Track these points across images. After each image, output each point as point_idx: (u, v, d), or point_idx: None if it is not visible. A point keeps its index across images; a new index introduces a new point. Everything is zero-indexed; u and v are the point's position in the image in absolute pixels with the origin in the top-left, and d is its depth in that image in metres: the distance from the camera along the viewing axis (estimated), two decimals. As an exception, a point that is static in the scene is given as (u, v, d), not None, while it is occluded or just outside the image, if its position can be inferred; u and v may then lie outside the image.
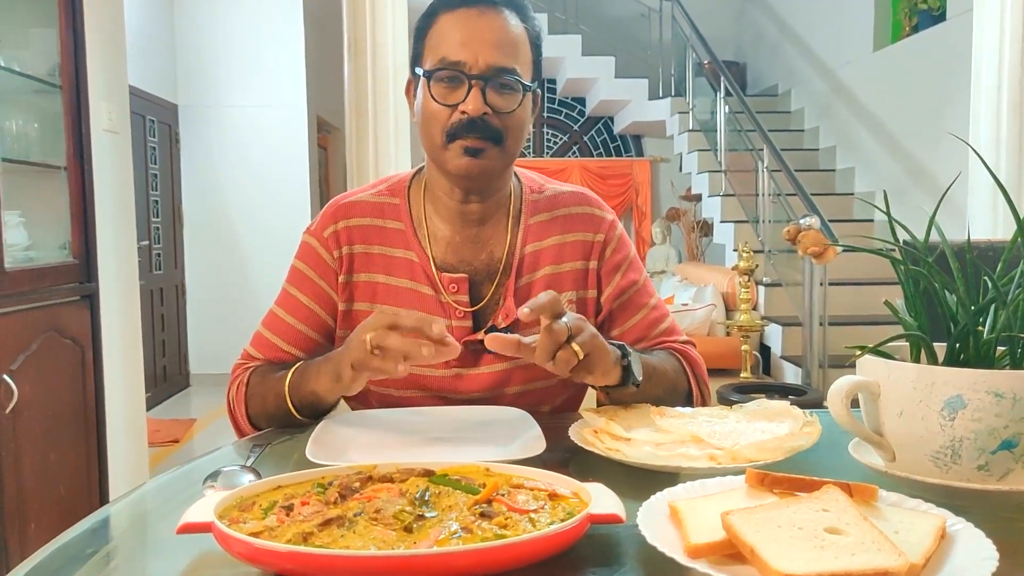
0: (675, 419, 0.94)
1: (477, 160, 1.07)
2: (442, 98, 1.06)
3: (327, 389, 1.00)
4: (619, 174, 8.64)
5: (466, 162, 1.07)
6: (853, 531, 0.57)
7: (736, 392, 3.70)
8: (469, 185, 1.12)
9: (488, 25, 1.06)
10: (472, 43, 1.05)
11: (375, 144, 2.87)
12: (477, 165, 1.08)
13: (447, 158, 1.09)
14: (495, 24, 1.07)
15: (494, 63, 1.05)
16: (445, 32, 1.07)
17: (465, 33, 1.06)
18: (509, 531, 0.61)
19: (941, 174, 5.09)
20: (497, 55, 1.05)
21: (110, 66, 2.83)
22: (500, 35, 1.07)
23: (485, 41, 1.05)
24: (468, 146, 1.06)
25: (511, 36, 1.08)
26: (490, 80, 1.05)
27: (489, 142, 1.07)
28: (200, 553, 0.64)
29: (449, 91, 1.06)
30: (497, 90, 1.06)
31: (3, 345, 2.05)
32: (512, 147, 1.10)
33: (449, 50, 1.06)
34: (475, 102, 1.05)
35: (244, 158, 5.77)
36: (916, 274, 0.76)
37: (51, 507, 2.25)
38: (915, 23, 5.67)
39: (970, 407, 0.69)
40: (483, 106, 1.05)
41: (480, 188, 1.14)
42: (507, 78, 1.06)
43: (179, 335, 5.73)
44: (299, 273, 1.18)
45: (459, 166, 1.08)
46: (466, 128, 1.06)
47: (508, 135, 1.08)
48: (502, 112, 1.07)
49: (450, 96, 1.06)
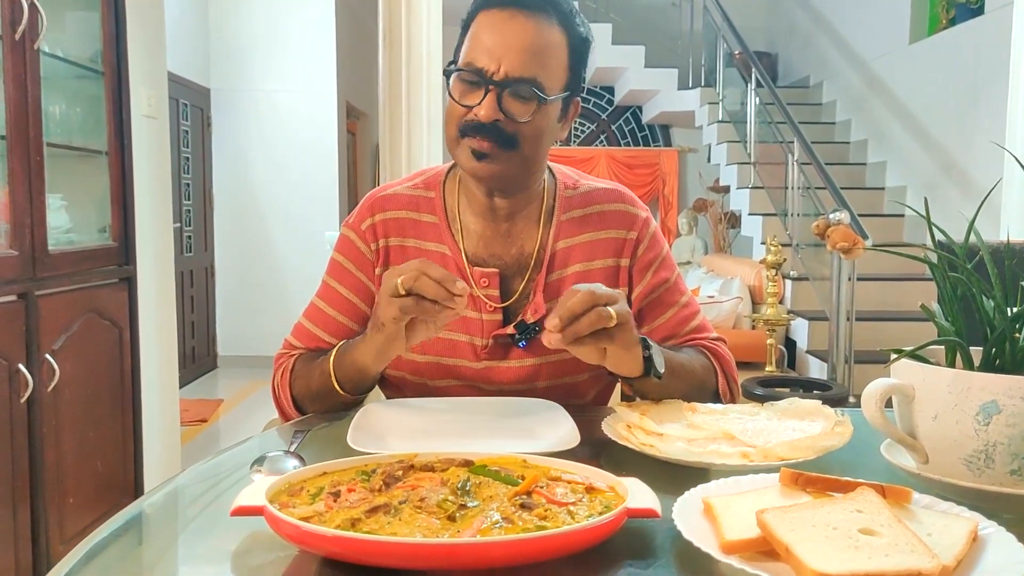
0: (707, 416, 0.95)
1: (483, 164, 1.08)
2: (460, 97, 1.08)
3: (368, 353, 1.02)
4: (647, 163, 8.59)
5: (474, 164, 1.08)
6: (887, 532, 0.59)
7: (761, 386, 3.69)
8: (484, 185, 1.14)
9: (518, 30, 1.05)
10: (497, 49, 1.05)
11: (408, 134, 2.89)
12: (484, 169, 1.09)
13: (459, 155, 1.10)
14: (526, 29, 1.05)
15: (514, 72, 1.04)
16: (478, 33, 1.07)
17: (494, 37, 1.05)
18: (549, 523, 0.64)
19: (974, 170, 5.02)
20: (519, 64, 1.04)
21: (150, 52, 2.88)
22: (528, 42, 1.05)
23: (510, 47, 1.04)
24: (475, 148, 1.07)
25: (540, 43, 1.06)
26: (508, 87, 1.05)
27: (497, 146, 1.06)
28: (252, 534, 0.67)
29: (467, 91, 1.07)
30: (514, 97, 1.06)
31: (45, 325, 2.11)
32: (530, 152, 1.09)
33: (476, 54, 1.06)
34: (487, 108, 1.05)
35: (274, 142, 5.83)
36: (955, 280, 0.77)
37: (88, 482, 2.31)
38: (952, 16, 5.58)
39: (1005, 412, 0.70)
40: (496, 113, 1.05)
41: (498, 188, 1.15)
42: (526, 88, 1.05)
43: (208, 317, 5.81)
44: (338, 265, 1.20)
45: (467, 166, 1.10)
46: (474, 129, 1.06)
47: (523, 141, 1.08)
48: (516, 120, 1.06)
49: (467, 96, 1.07)
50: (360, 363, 1.04)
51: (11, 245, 2.03)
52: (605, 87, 8.71)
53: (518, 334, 1.13)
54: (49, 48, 2.22)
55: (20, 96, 2.04)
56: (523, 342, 1.13)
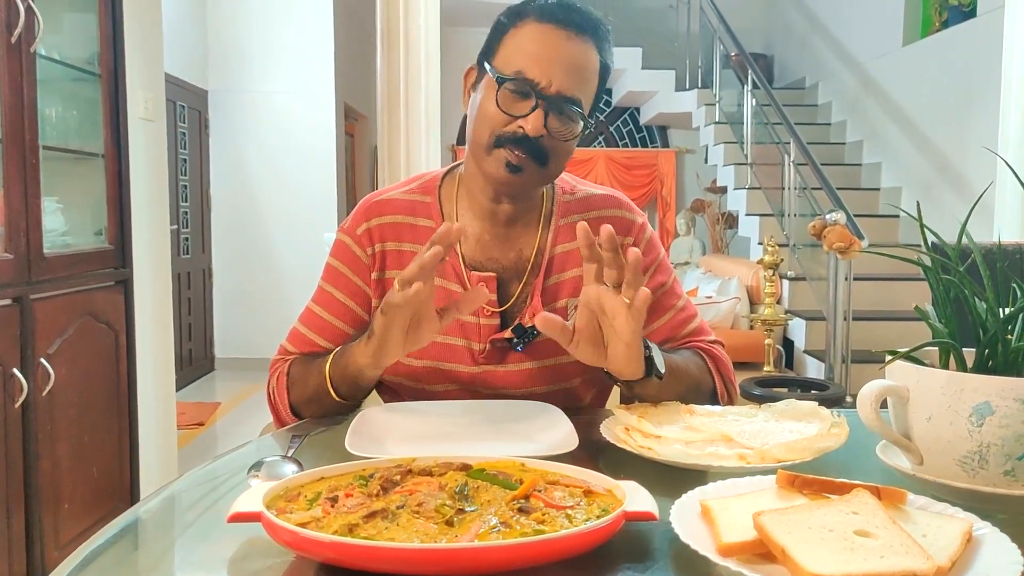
0: (705, 418, 0.95)
1: (516, 176, 1.08)
2: (506, 107, 1.06)
3: (364, 355, 1.00)
4: (644, 165, 8.61)
5: (505, 175, 1.08)
6: (882, 534, 0.59)
7: (758, 386, 3.70)
8: (502, 193, 1.14)
9: (573, 51, 1.06)
10: (553, 65, 1.05)
11: (406, 135, 2.89)
12: (515, 181, 1.09)
13: (488, 162, 1.09)
14: (579, 51, 1.07)
15: (565, 91, 1.05)
16: (530, 42, 1.06)
17: (549, 52, 1.05)
18: (547, 526, 0.64)
19: (969, 170, 5.04)
20: (571, 84, 1.05)
21: (147, 55, 2.87)
22: (580, 64, 1.07)
23: (565, 67, 1.05)
24: (511, 161, 1.07)
25: (589, 68, 1.08)
26: (556, 105, 1.06)
27: (532, 160, 1.07)
28: (248, 540, 0.67)
29: (514, 102, 1.06)
30: (558, 115, 1.07)
31: (41, 329, 2.10)
32: (554, 169, 1.11)
33: (528, 64, 1.05)
34: (535, 122, 1.05)
35: (272, 144, 5.83)
36: (947, 282, 0.77)
37: (84, 488, 2.30)
38: (945, 18, 5.60)
39: (998, 414, 0.70)
40: (542, 128, 1.05)
41: (513, 196, 1.15)
42: (572, 108, 1.06)
43: (205, 319, 5.81)
44: (334, 270, 1.20)
45: (497, 176, 1.09)
46: (515, 141, 1.06)
47: (553, 158, 1.09)
48: (557, 138, 1.07)
49: (513, 107, 1.06)
50: (356, 369, 1.03)
51: (6, 248, 2.03)
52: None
53: (516, 338, 1.14)
54: (45, 51, 2.22)
55: (16, 99, 2.04)
56: (521, 346, 1.14)
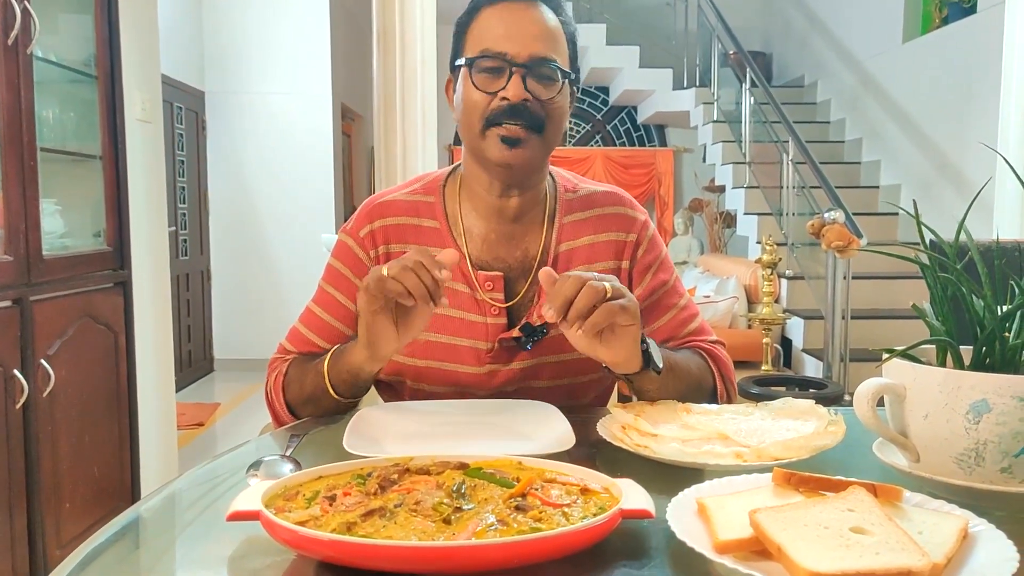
0: (701, 416, 0.96)
1: (516, 150, 1.09)
2: (483, 86, 1.09)
3: (360, 352, 1.01)
4: (642, 164, 8.61)
5: (505, 152, 1.09)
6: (878, 531, 0.59)
7: (757, 385, 3.70)
8: (509, 177, 1.13)
9: (530, 18, 1.09)
10: (515, 35, 1.08)
11: (403, 135, 2.90)
12: (516, 155, 1.09)
13: (485, 147, 1.10)
14: (536, 17, 1.10)
15: (536, 53, 1.08)
16: (488, 25, 1.10)
17: (508, 25, 1.09)
18: (544, 524, 0.64)
19: (968, 168, 5.04)
20: (539, 46, 1.08)
21: (144, 56, 2.87)
22: (541, 27, 1.10)
23: (527, 33, 1.08)
24: (505, 135, 1.08)
25: (551, 29, 1.11)
26: (531, 68, 1.08)
27: (529, 131, 1.09)
28: (248, 538, 0.67)
29: (490, 80, 1.09)
30: (537, 79, 1.08)
31: (40, 331, 2.11)
32: (551, 137, 1.12)
33: (492, 41, 1.08)
34: (516, 88, 1.07)
35: (269, 145, 5.83)
36: (945, 280, 0.77)
37: (85, 488, 2.31)
38: (945, 15, 5.60)
39: (995, 411, 0.70)
40: (524, 92, 1.07)
41: (520, 180, 1.15)
42: (548, 67, 1.09)
43: (204, 320, 5.81)
44: (335, 272, 1.20)
45: (498, 156, 1.09)
46: (507, 114, 1.07)
47: (548, 123, 1.10)
48: (542, 99, 1.09)
49: (491, 84, 1.08)
50: (353, 364, 1.03)
51: (5, 250, 2.03)
52: (600, 87, 8.72)
53: (524, 336, 1.13)
54: (42, 52, 2.22)
55: (13, 101, 2.04)
56: (530, 344, 1.13)
